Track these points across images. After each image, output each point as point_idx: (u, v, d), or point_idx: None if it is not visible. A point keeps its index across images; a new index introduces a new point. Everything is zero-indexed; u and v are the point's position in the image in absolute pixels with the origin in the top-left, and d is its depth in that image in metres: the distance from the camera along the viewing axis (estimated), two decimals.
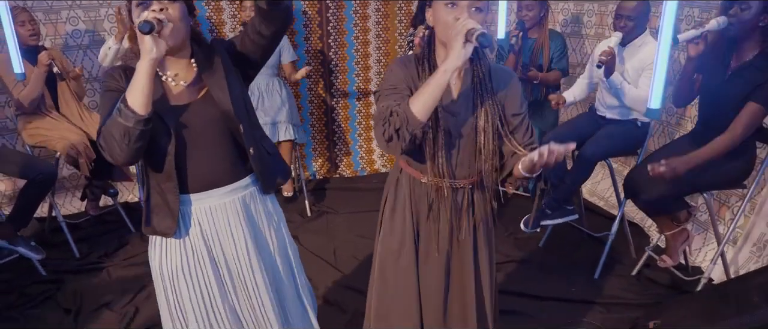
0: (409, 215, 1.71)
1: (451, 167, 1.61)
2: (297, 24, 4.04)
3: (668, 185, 2.43)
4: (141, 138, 1.41)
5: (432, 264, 1.73)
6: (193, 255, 1.63)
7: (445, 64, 1.39)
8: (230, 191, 1.63)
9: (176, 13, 1.46)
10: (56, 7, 3.58)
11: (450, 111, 1.58)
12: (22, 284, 2.90)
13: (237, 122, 1.55)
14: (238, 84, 1.61)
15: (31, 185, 2.81)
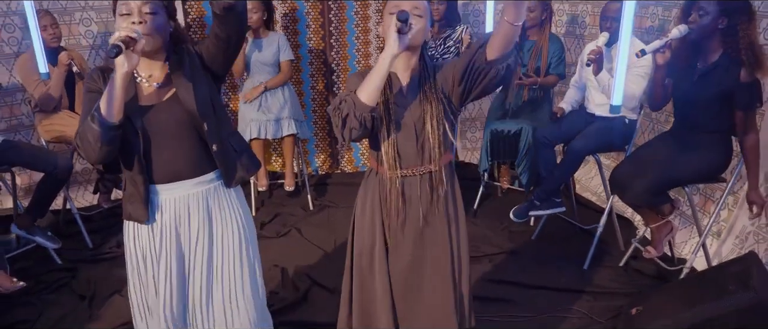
0: (378, 212, 1.81)
1: (405, 157, 1.73)
2: (300, 24, 4.19)
3: (651, 181, 2.57)
4: (112, 142, 1.55)
5: (402, 256, 1.82)
6: (159, 239, 1.76)
7: (383, 52, 1.55)
8: (195, 184, 1.76)
9: (152, 25, 1.59)
10: (70, 8, 3.74)
11: (400, 104, 1.71)
12: (39, 271, 3.06)
13: (201, 121, 1.68)
14: (206, 86, 1.72)
15: (48, 178, 2.96)
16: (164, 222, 1.76)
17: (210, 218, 1.81)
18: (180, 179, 1.74)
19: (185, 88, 1.67)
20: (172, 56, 1.70)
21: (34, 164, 2.99)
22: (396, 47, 1.53)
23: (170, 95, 1.69)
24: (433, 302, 1.84)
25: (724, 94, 2.39)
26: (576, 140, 2.96)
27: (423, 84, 1.71)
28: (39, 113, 3.27)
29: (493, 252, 3.23)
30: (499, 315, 2.68)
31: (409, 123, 1.71)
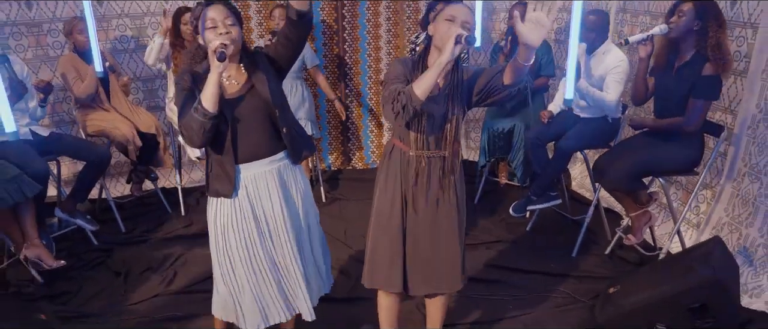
0: (400, 181, 2.15)
1: (429, 141, 2.07)
2: (316, 31, 4.51)
3: (626, 167, 2.84)
4: (212, 129, 1.92)
5: (422, 220, 2.15)
6: (240, 211, 2.09)
7: (440, 58, 1.85)
8: (269, 161, 2.10)
9: (236, 35, 1.96)
10: (108, 16, 4.12)
11: (433, 100, 2.02)
12: (79, 251, 3.41)
13: (274, 109, 2.03)
14: (275, 81, 2.08)
15: (89, 166, 3.32)
16: (244, 195, 2.09)
17: (286, 189, 2.15)
18: (257, 158, 2.08)
19: (261, 82, 2.02)
20: (244, 58, 2.05)
21: (77, 153, 3.35)
22: (451, 56, 1.83)
23: (249, 89, 2.04)
24: (445, 259, 2.19)
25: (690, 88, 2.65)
26: (563, 139, 3.23)
27: (453, 87, 2.04)
28: (79, 109, 3.63)
29: (491, 241, 3.51)
30: (493, 294, 2.96)
31: (437, 116, 2.05)
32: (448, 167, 2.11)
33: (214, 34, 1.92)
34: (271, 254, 2.17)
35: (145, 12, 4.22)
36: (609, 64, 3.15)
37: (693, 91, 2.67)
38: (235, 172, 2.06)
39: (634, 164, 2.86)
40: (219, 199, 2.10)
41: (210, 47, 1.86)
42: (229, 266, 2.15)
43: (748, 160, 2.99)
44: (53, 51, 3.98)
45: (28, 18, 3.86)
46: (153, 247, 3.49)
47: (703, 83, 2.64)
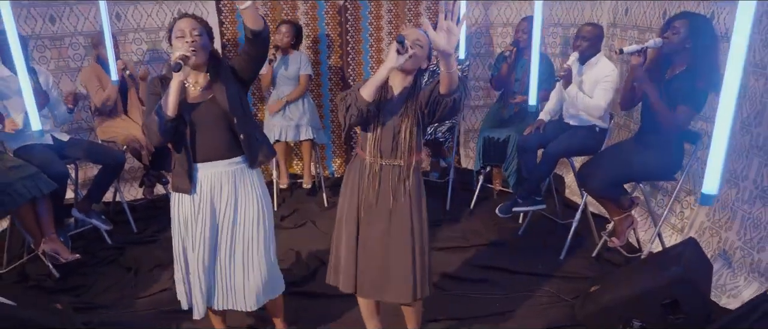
0: (357, 188, 2.29)
1: (382, 150, 2.21)
2: (321, 45, 4.74)
3: (608, 173, 2.98)
4: (169, 130, 2.13)
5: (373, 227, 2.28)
6: (199, 206, 2.29)
7: (384, 63, 2.04)
8: (227, 164, 2.29)
9: (199, 44, 2.15)
10: (125, 29, 4.38)
11: (388, 110, 2.20)
12: (94, 249, 3.63)
13: (232, 116, 2.21)
14: (236, 90, 2.26)
15: (105, 169, 3.55)
16: (202, 193, 2.29)
17: (236, 191, 2.33)
18: (215, 159, 2.27)
19: (221, 91, 2.21)
20: (211, 68, 2.25)
21: (94, 157, 3.58)
22: (393, 62, 2.01)
23: (210, 96, 2.23)
24: (394, 269, 2.29)
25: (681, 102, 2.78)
26: (551, 145, 3.39)
27: (408, 101, 2.20)
28: (98, 116, 3.88)
29: (482, 243, 3.66)
30: (480, 292, 3.11)
31: (390, 126, 2.20)
32: (403, 177, 2.23)
33: (180, 42, 2.12)
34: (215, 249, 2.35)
35: (160, 26, 4.48)
36: (600, 74, 3.31)
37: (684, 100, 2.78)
38: (193, 170, 2.25)
39: (615, 171, 3.01)
40: (180, 194, 2.30)
41: (171, 55, 2.07)
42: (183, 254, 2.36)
43: (727, 166, 3.12)
44: (74, 63, 4.24)
45: (52, 32, 4.13)
46: (162, 246, 3.69)
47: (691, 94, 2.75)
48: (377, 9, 4.70)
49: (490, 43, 4.82)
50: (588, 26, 3.38)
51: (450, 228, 3.88)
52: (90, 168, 4.27)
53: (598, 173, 3.04)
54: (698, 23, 2.74)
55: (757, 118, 2.89)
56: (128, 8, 4.36)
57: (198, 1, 4.48)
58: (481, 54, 4.87)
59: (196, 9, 4.47)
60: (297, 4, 4.60)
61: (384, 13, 4.72)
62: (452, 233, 3.80)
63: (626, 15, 3.99)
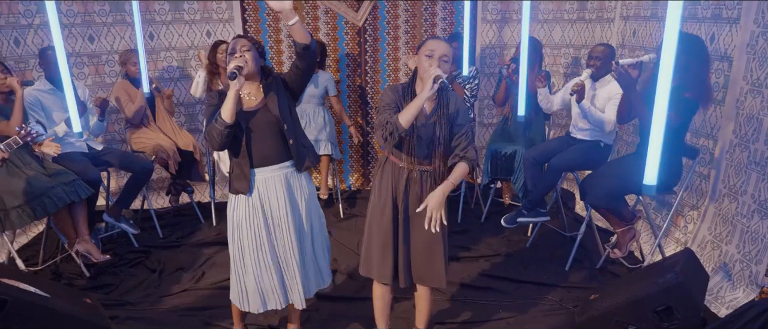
0: (391, 188, 2.49)
1: (418, 157, 2.42)
2: (341, 64, 4.97)
3: (608, 186, 3.10)
4: (229, 136, 2.35)
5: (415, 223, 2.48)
6: (252, 207, 2.50)
7: (420, 95, 2.24)
8: (278, 167, 2.51)
9: (250, 59, 2.39)
10: (157, 48, 4.67)
11: (421, 124, 2.39)
12: (122, 251, 3.86)
13: (282, 123, 2.44)
14: (286, 100, 2.50)
15: (134, 176, 3.79)
16: (258, 195, 2.50)
17: (289, 192, 2.54)
18: (269, 164, 2.49)
19: (273, 100, 2.45)
20: (263, 80, 2.49)
21: (125, 165, 3.83)
22: (430, 93, 2.22)
23: (263, 105, 2.46)
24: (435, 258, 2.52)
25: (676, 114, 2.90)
26: (556, 158, 3.52)
27: (439, 113, 2.40)
28: (129, 128, 4.14)
29: (490, 254, 3.79)
30: (486, 299, 3.24)
31: (424, 138, 2.40)
32: (436, 179, 2.43)
33: (232, 59, 2.36)
34: (275, 247, 2.54)
35: (190, 45, 4.76)
36: (613, 91, 3.43)
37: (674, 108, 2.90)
38: (250, 174, 2.46)
39: (615, 184, 3.13)
40: (237, 196, 2.50)
41: (228, 67, 2.30)
42: (240, 254, 2.53)
43: (727, 181, 3.22)
44: (109, 79, 4.54)
45: (90, 50, 4.43)
46: (186, 251, 3.91)
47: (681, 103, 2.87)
48: (395, 30, 4.92)
49: (503, 63, 4.99)
50: (600, 47, 3.54)
51: (460, 240, 4.01)
52: (121, 177, 4.53)
53: (598, 185, 3.16)
54: (690, 42, 2.87)
55: (754, 134, 2.99)
56: (161, 28, 4.66)
57: (225, 22, 4.76)
58: (495, 74, 5.04)
59: (223, 30, 4.75)
60: (318, 25, 4.85)
61: (401, 34, 4.93)
62: (462, 245, 3.93)
63: (634, 36, 4.12)
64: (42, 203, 3.17)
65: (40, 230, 4.03)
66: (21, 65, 4.03)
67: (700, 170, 3.42)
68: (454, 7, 4.90)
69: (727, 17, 3.17)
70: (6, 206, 3.12)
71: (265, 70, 2.52)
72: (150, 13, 4.58)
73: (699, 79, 2.88)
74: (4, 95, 3.26)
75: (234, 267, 2.58)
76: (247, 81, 2.44)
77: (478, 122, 5.09)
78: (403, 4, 4.86)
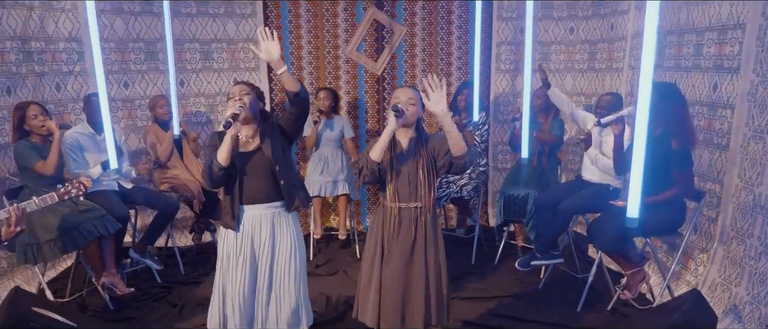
0: (381, 229, 2.62)
1: (402, 194, 2.55)
2: (360, 111, 5.18)
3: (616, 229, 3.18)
4: (223, 176, 2.54)
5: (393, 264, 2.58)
6: (241, 242, 2.66)
7: (386, 128, 2.42)
8: (267, 206, 2.67)
9: (248, 102, 2.58)
10: (187, 94, 4.95)
11: (400, 160, 2.54)
12: (145, 287, 4.01)
13: (275, 165, 2.61)
14: (280, 143, 2.67)
15: (160, 214, 3.98)
16: (244, 231, 2.66)
17: (274, 231, 2.69)
18: (258, 202, 2.66)
19: (267, 143, 2.63)
20: (261, 124, 2.68)
21: (151, 203, 4.02)
22: (394, 125, 2.41)
23: (258, 148, 2.65)
24: (413, 296, 2.58)
25: (664, 160, 3.01)
26: (566, 201, 3.62)
27: (418, 147, 2.56)
28: (157, 168, 4.36)
29: (502, 295, 3.85)
30: None
31: (405, 172, 2.55)
32: (422, 215, 2.55)
33: (231, 102, 2.56)
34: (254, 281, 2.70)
35: (217, 92, 5.03)
36: None
37: (673, 166, 3.02)
38: (239, 211, 2.63)
39: (621, 227, 3.19)
40: (226, 230, 2.67)
41: (224, 115, 2.50)
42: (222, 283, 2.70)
43: (734, 224, 3.28)
44: (140, 122, 4.80)
45: (125, 95, 4.72)
46: (206, 287, 4.03)
47: (675, 157, 2.99)
48: (412, 79, 5.14)
49: (515, 110, 5.15)
50: (607, 96, 3.69)
51: (473, 281, 4.08)
52: (147, 215, 4.72)
53: (605, 229, 3.23)
54: (663, 89, 3.00)
55: (758, 178, 3.07)
56: (191, 76, 4.95)
57: (251, 71, 5.04)
58: (508, 121, 5.19)
59: (249, 77, 5.02)
60: (339, 74, 5.10)
61: (418, 82, 5.14)
62: (475, 285, 4.00)
63: None
64: (72, 237, 3.36)
65: (68, 265, 4.21)
66: (60, 109, 4.30)
67: (708, 212, 3.48)
68: (468, 58, 5.12)
69: (728, 67, 3.30)
70: (39, 239, 3.31)
71: (264, 113, 2.71)
72: (182, 62, 4.87)
73: (681, 123, 3.01)
74: (43, 137, 3.48)
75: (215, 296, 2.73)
76: (244, 124, 2.63)
77: (492, 166, 5.23)
78: (420, 54, 5.10)
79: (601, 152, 3.66)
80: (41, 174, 3.37)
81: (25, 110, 3.41)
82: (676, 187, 3.03)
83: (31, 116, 3.40)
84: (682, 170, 3.01)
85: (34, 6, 4.02)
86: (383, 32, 5.05)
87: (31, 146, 3.39)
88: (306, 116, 2.70)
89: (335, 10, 4.99)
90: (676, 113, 2.98)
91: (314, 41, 5.04)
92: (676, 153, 2.97)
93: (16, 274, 3.94)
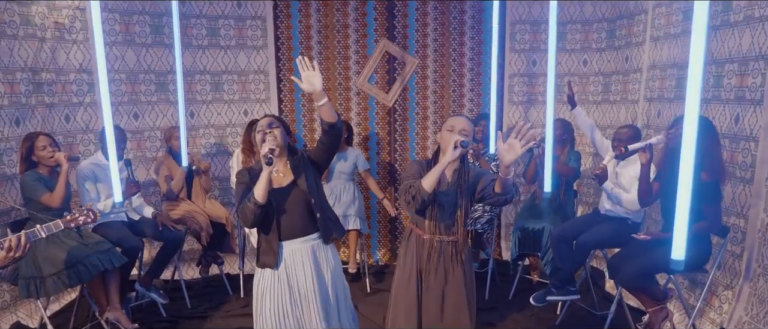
0: (415, 260, 2.55)
1: (440, 226, 2.48)
2: (371, 142, 5.12)
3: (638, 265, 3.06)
4: (262, 214, 2.44)
5: (430, 293, 2.53)
6: (278, 280, 2.56)
7: (442, 160, 2.36)
8: (304, 240, 2.58)
9: (280, 138, 2.51)
10: (197, 125, 4.92)
11: (443, 193, 2.48)
12: (150, 321, 3.91)
13: (310, 198, 2.53)
14: (313, 175, 2.60)
15: (165, 246, 3.90)
16: (282, 267, 2.56)
17: (317, 263, 2.60)
18: (296, 237, 2.57)
19: (302, 177, 2.56)
20: (291, 158, 2.61)
21: (158, 236, 3.95)
22: (451, 157, 2.35)
23: (293, 183, 2.57)
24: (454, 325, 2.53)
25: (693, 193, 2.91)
26: (584, 235, 3.51)
27: (460, 181, 2.50)
28: (166, 201, 4.30)
29: None
30: None
31: (447, 205, 2.50)
32: (458, 249, 2.52)
33: (260, 136, 2.50)
34: (300, 320, 2.56)
35: (227, 123, 5.00)
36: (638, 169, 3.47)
37: (702, 199, 2.92)
38: (278, 247, 2.54)
39: (644, 262, 3.09)
40: (264, 269, 2.57)
41: (261, 151, 2.42)
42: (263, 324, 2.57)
43: (761, 261, 3.15)
44: (150, 153, 4.76)
45: (134, 126, 4.69)
46: (213, 322, 3.94)
47: (705, 190, 2.89)
48: (424, 110, 5.10)
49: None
50: (624, 129, 3.60)
51: (487, 316, 3.95)
52: (154, 247, 4.65)
53: (627, 264, 3.12)
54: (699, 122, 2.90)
55: None
56: (201, 107, 4.93)
57: (262, 103, 5.01)
58: None
59: (260, 109, 4.99)
60: (350, 106, 5.06)
61: (430, 114, 5.10)
62: (489, 321, 3.87)
63: (659, 117, 4.19)
64: (77, 271, 3.27)
65: (73, 298, 4.12)
66: (69, 139, 4.27)
67: (732, 248, 3.36)
68: (481, 89, 5.07)
69: (750, 99, 3.23)
70: (43, 273, 3.23)
71: (290, 147, 2.65)
72: (192, 93, 4.86)
73: (712, 156, 2.91)
74: (50, 168, 3.43)
75: None
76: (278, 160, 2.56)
77: None
78: (431, 86, 5.07)
79: (618, 185, 3.57)
80: (47, 206, 3.30)
81: (34, 140, 3.37)
82: (705, 221, 2.92)
83: (40, 146, 3.35)
84: (711, 204, 2.90)
85: (46, 37, 4.03)
86: (395, 64, 5.02)
87: (38, 177, 3.34)
88: (337, 146, 2.63)
89: (347, 42, 4.98)
90: (708, 145, 2.88)
91: (325, 73, 5.02)
92: (706, 186, 2.86)
93: (19, 307, 3.85)
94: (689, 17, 3.79)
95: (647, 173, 3.10)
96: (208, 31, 4.85)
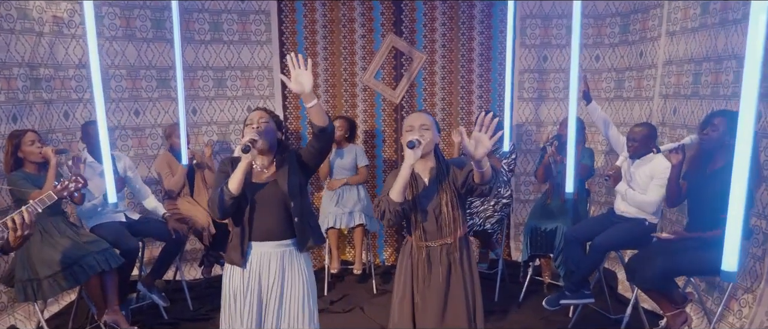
0: (410, 269, 2.42)
1: (429, 231, 2.34)
2: (377, 139, 5.01)
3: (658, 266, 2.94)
4: (232, 206, 2.33)
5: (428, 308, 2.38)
6: (248, 279, 2.44)
7: (404, 163, 2.20)
8: (277, 244, 2.45)
9: (264, 130, 2.40)
10: (199, 123, 4.81)
11: (423, 196, 2.34)
12: (151, 323, 3.81)
13: (290, 200, 2.40)
14: (297, 177, 2.47)
15: (167, 246, 3.79)
16: (251, 269, 2.45)
17: (283, 272, 2.47)
18: (268, 239, 2.44)
19: (283, 175, 2.43)
20: (278, 155, 2.49)
21: (159, 235, 3.84)
22: (412, 158, 2.18)
23: (273, 179, 2.45)
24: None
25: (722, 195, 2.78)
26: (599, 237, 3.38)
27: (440, 180, 2.35)
28: (167, 199, 4.19)
29: None
30: None
31: (429, 209, 2.34)
32: (453, 251, 2.34)
33: (248, 129, 2.39)
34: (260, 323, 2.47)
35: (231, 120, 4.89)
36: (656, 169, 3.34)
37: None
38: (247, 247, 2.42)
39: (664, 265, 2.96)
40: (232, 266, 2.46)
41: (241, 140, 2.31)
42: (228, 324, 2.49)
43: None
44: (151, 151, 4.66)
45: (135, 123, 4.59)
46: (214, 324, 3.81)
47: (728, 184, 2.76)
48: (431, 107, 4.97)
49: (540, 140, 4.96)
50: (638, 127, 3.47)
51: (497, 320, 3.84)
52: (156, 247, 4.54)
53: (647, 266, 2.99)
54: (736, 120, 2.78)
55: None
56: (204, 104, 4.82)
57: (266, 99, 4.90)
58: (532, 151, 5.00)
59: (264, 104, 4.87)
60: (356, 102, 4.94)
61: (438, 111, 4.98)
62: (499, 325, 3.76)
63: (674, 114, 4.06)
64: (73, 272, 3.17)
65: (72, 299, 4.02)
66: (68, 136, 4.17)
67: (753, 250, 3.23)
68: (489, 86, 4.95)
69: None
70: (39, 275, 3.13)
71: (280, 143, 2.53)
72: (194, 89, 4.75)
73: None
74: (37, 166, 3.32)
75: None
76: (261, 154, 2.45)
77: (515, 198, 5.00)
78: (439, 82, 4.95)
79: (632, 187, 3.44)
80: None
81: (22, 137, 3.27)
82: None
83: (28, 141, 3.26)
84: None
85: (44, 32, 3.92)
86: (402, 60, 4.90)
87: (25, 176, 3.24)
88: (328, 150, 2.52)
89: (352, 37, 4.86)
90: None
91: (331, 69, 4.90)
92: None
93: (17, 309, 3.75)
94: (707, 11, 3.67)
95: (678, 174, 2.98)
96: (211, 26, 4.74)
